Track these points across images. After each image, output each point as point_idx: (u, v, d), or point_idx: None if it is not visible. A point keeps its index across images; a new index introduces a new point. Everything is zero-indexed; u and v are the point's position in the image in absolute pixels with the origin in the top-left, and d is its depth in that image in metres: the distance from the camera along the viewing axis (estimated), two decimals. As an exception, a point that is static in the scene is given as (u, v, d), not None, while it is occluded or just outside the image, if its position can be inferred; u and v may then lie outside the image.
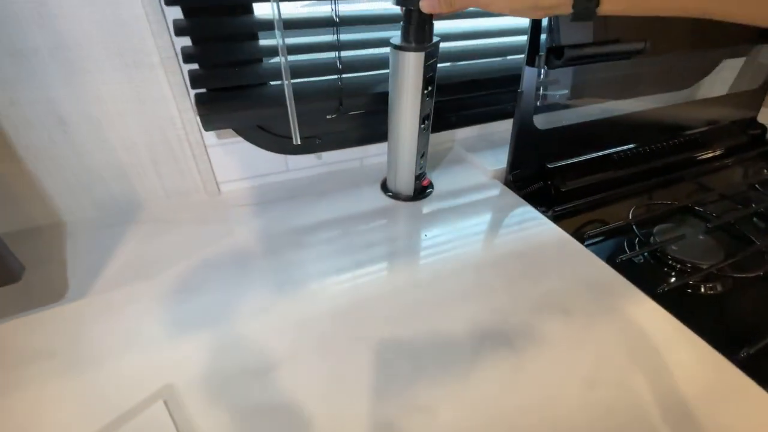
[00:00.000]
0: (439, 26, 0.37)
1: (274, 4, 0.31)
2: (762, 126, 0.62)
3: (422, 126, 0.39)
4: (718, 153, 0.59)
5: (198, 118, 0.37)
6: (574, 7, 0.24)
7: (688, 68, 0.63)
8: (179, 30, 0.33)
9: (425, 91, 0.36)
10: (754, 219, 0.45)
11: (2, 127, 0.32)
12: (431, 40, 0.34)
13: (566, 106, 0.50)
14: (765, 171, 0.56)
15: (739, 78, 0.63)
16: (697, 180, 0.54)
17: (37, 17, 0.29)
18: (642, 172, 0.52)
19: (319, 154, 0.46)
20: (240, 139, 0.41)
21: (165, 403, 0.23)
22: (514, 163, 0.45)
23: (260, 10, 0.36)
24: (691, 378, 0.25)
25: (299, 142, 0.39)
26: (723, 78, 0.66)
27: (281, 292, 0.31)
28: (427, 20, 0.33)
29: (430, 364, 0.26)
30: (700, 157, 0.57)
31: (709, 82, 0.67)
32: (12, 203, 0.35)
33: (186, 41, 0.34)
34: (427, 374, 0.25)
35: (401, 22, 0.33)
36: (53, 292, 0.31)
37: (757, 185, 0.50)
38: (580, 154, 0.50)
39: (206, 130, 0.37)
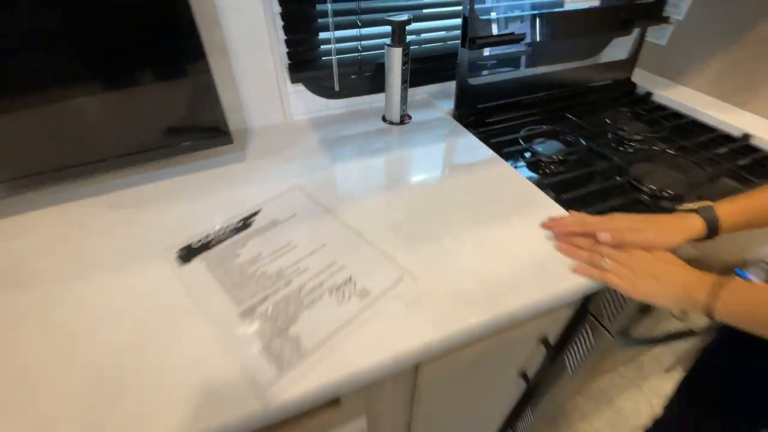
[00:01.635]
0: (411, 29, 0.69)
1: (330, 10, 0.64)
2: (633, 83, 0.94)
3: (404, 84, 0.72)
4: (598, 99, 0.91)
5: (288, 77, 0.71)
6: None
7: (584, 46, 0.94)
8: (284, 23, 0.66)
9: (404, 67, 0.69)
10: (592, 142, 0.79)
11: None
12: (405, 40, 0.67)
13: (492, 71, 0.83)
14: (628, 114, 0.89)
15: (621, 50, 0.93)
16: (579, 117, 0.86)
17: None
18: (541, 112, 0.86)
19: (347, 98, 0.80)
20: (305, 89, 0.75)
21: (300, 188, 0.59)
22: (458, 105, 0.79)
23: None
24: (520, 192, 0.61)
25: (338, 89, 0.73)
26: (614, 51, 0.97)
27: (333, 160, 0.67)
28: (404, 31, 0.66)
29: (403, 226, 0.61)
30: (583, 102, 0.90)
31: (607, 54, 0.98)
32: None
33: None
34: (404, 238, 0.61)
35: (390, 33, 0.66)
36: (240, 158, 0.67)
37: (616, 123, 0.83)
38: (498, 100, 0.83)
39: (292, 83, 0.72)
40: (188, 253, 0.48)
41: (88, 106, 0.50)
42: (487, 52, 0.78)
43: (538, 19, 0.74)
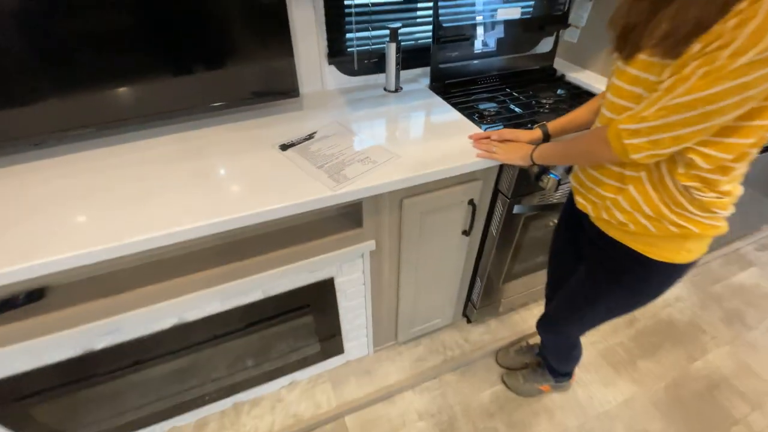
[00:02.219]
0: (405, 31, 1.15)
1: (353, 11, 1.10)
2: (554, 69, 1.39)
3: (397, 67, 1.17)
4: (529, 80, 1.35)
5: (326, 60, 1.16)
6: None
7: (522, 42, 1.38)
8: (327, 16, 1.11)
9: (397, 55, 1.14)
10: (512, 104, 1.23)
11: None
12: (398, 39, 1.12)
13: (457, 59, 1.28)
14: (546, 88, 1.33)
15: (548, 46, 1.38)
16: (513, 90, 1.30)
17: None
18: (488, 87, 1.30)
19: (362, 76, 1.25)
20: (335, 69, 1.20)
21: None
22: (432, 81, 1.23)
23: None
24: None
25: (356, 69, 1.18)
26: (543, 47, 1.41)
27: (353, 110, 1.11)
28: (397, 34, 1.11)
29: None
30: (518, 81, 1.34)
31: (539, 48, 1.43)
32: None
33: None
34: (393, 122, 1.06)
35: (389, 34, 1.11)
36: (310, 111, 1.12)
37: (537, 94, 1.28)
38: (459, 78, 1.28)
39: (328, 64, 1.17)
40: (284, 147, 0.93)
41: (209, 65, 0.95)
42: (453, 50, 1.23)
43: (481, 26, 1.19)
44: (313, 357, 1.22)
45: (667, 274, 0.70)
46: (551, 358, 1.16)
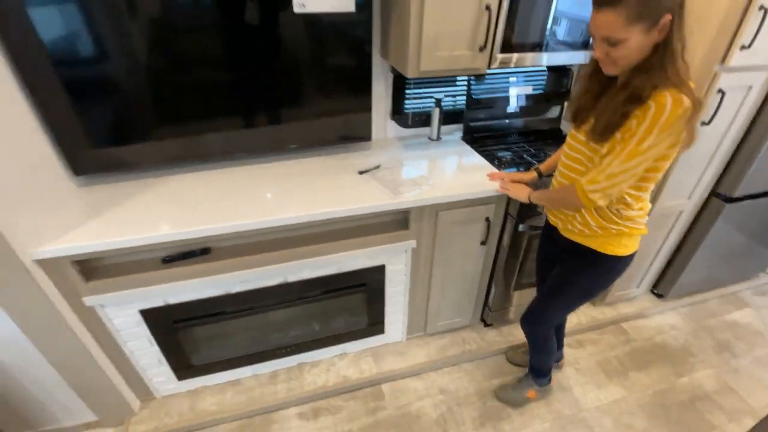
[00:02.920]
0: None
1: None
2: (560, 129, 1.80)
3: (439, 123, 1.63)
4: (540, 137, 1.77)
5: (390, 115, 1.64)
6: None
7: (536, 107, 1.82)
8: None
9: (439, 117, 1.60)
10: (524, 154, 1.64)
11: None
12: (441, 105, 1.59)
13: (483, 119, 1.73)
14: (554, 146, 1.73)
15: (555, 111, 1.80)
16: (527, 143, 1.72)
17: None
18: (507, 139, 1.73)
19: (414, 128, 1.71)
20: (395, 122, 1.67)
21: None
22: (464, 134, 1.68)
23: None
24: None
25: (410, 124, 1.66)
26: (553, 112, 1.84)
27: (406, 150, 1.57)
28: (440, 101, 1.58)
29: (435, 160, 1.51)
30: (535, 137, 1.76)
31: (549, 113, 1.86)
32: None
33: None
34: (434, 161, 1.50)
35: (434, 101, 1.58)
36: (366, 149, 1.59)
37: (545, 148, 1.69)
38: (485, 132, 1.72)
39: (390, 118, 1.65)
40: (361, 172, 1.38)
41: (315, 116, 1.44)
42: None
43: (500, 99, 1.65)
44: (361, 332, 1.58)
45: (614, 263, 1.05)
46: (532, 353, 1.45)
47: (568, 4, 1.26)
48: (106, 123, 1.18)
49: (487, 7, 1.14)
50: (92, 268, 1.13)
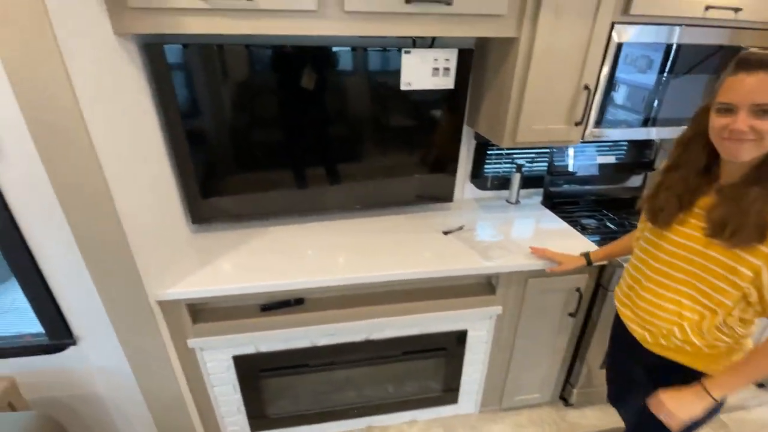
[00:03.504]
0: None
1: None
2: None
3: (518, 187, 1.65)
4: (622, 204, 1.73)
5: (469, 178, 1.70)
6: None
7: (614, 175, 1.80)
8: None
9: (519, 182, 1.63)
10: (608, 222, 1.60)
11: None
12: (522, 171, 1.63)
13: (564, 185, 1.73)
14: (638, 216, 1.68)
15: (638, 179, 1.77)
16: (609, 210, 1.68)
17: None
18: (589, 205, 1.70)
19: (492, 191, 1.75)
20: (472, 185, 1.72)
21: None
22: (544, 199, 1.68)
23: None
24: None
25: (489, 187, 1.69)
26: (633, 180, 1.81)
27: (486, 212, 1.58)
28: (522, 167, 1.62)
29: (518, 224, 1.51)
30: (614, 203, 1.72)
31: (631, 182, 1.83)
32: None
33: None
34: (517, 225, 1.50)
35: (515, 167, 1.62)
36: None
37: (628, 216, 1.64)
38: (565, 198, 1.70)
39: (470, 181, 1.70)
40: (445, 232, 1.41)
41: (390, 168, 1.51)
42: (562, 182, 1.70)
43: (582, 166, 1.65)
44: (434, 399, 1.51)
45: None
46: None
47: (662, 85, 1.29)
48: (218, 177, 1.33)
49: (586, 87, 1.19)
50: (198, 311, 1.20)
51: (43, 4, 0.75)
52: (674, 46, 1.23)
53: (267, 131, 1.31)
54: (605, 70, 1.22)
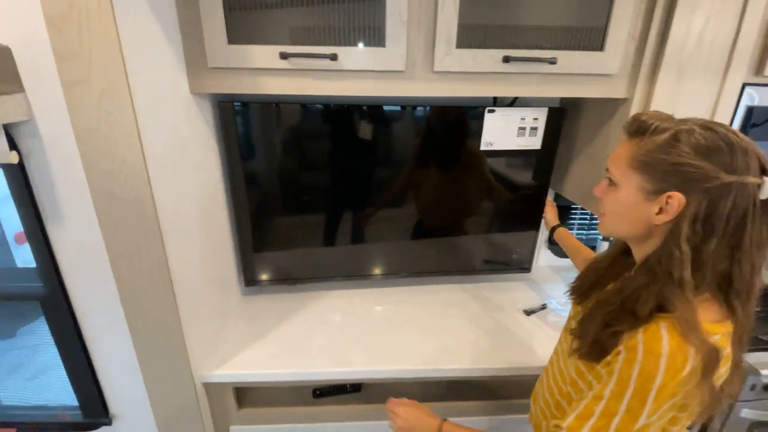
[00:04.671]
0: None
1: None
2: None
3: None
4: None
5: (546, 246, 1.50)
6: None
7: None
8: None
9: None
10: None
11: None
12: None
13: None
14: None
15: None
16: None
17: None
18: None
19: (568, 258, 1.54)
20: (549, 252, 1.52)
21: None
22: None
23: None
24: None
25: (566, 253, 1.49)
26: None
27: (563, 281, 1.37)
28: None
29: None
30: None
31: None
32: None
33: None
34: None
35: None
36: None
37: None
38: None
39: (547, 248, 1.50)
40: (527, 312, 1.21)
41: (465, 234, 1.34)
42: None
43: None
44: None
45: None
46: None
47: None
48: (276, 236, 1.22)
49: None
50: (242, 391, 1.05)
51: (123, 64, 0.68)
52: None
53: (337, 189, 1.20)
54: (732, 136, 1.02)
